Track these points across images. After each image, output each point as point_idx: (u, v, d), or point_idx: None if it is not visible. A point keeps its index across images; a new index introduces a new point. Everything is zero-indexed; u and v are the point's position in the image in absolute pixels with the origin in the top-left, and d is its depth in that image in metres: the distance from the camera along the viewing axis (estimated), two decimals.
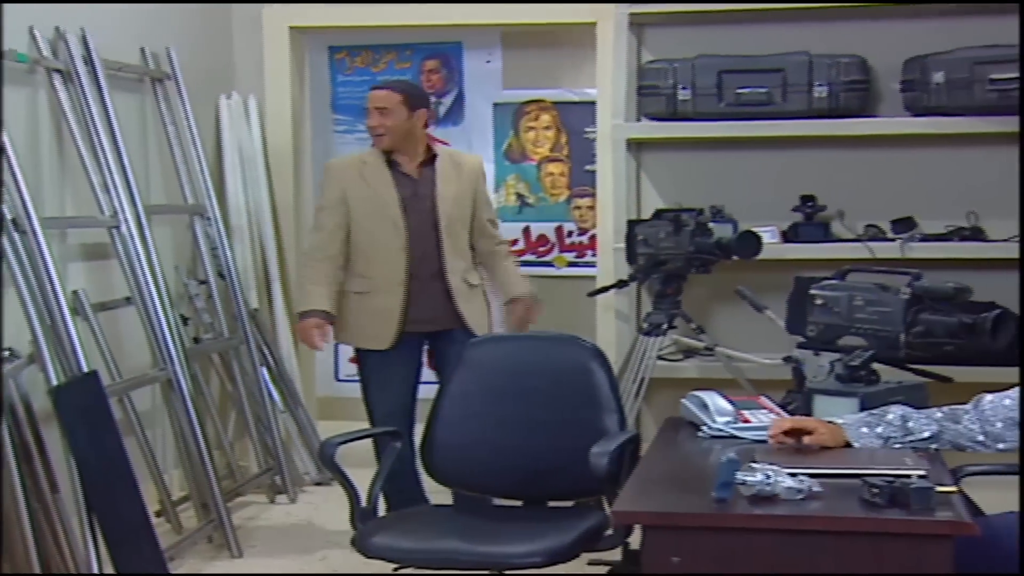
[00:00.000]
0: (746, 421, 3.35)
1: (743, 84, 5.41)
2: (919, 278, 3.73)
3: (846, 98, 5.37)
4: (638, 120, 5.64)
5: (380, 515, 3.67)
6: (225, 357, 5.72)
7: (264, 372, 5.79)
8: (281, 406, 5.88)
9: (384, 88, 4.72)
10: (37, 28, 4.64)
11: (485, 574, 3.45)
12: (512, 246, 5.87)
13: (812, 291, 3.91)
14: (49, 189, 4.70)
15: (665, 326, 5.11)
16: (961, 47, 5.21)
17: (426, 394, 4.51)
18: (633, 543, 3.01)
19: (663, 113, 5.53)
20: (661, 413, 4.74)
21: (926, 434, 3.09)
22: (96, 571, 4.08)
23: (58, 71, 4.74)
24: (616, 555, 3.60)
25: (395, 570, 3.44)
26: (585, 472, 3.29)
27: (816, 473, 2.76)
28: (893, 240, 5.36)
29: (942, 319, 3.64)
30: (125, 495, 4.28)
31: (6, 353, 4.14)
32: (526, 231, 7.30)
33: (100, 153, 4.84)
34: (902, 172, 5.58)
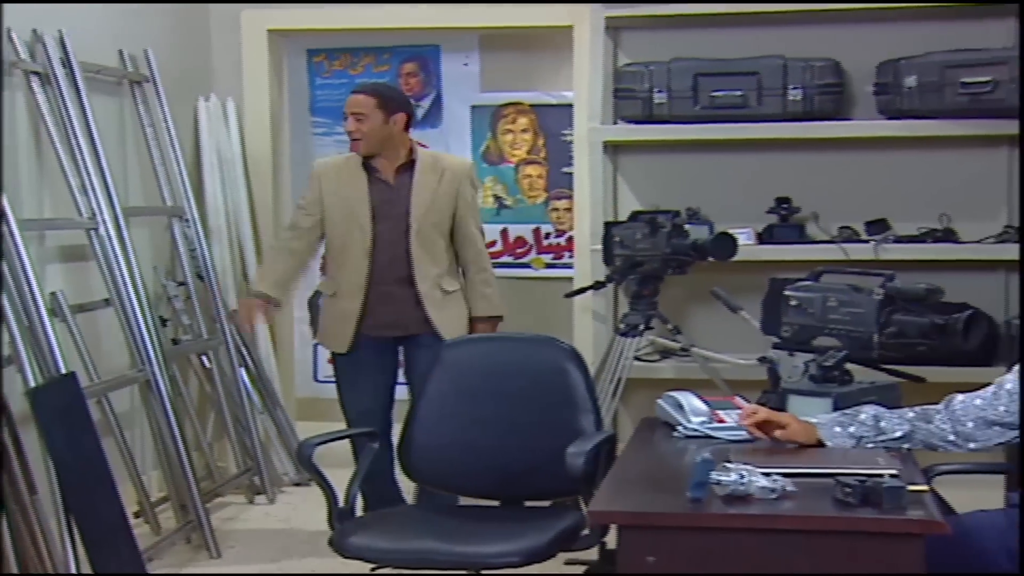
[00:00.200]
0: (721, 421, 3.37)
1: (718, 87, 5.42)
2: (892, 279, 3.75)
3: (820, 101, 5.39)
4: (615, 123, 5.65)
5: (358, 515, 3.67)
6: (204, 358, 5.72)
7: (243, 373, 5.79)
8: (260, 407, 5.89)
9: (361, 93, 4.66)
10: (15, 30, 4.63)
11: (462, 574, 3.47)
12: (489, 248, 5.83)
13: (787, 292, 3.92)
14: (27, 191, 4.70)
15: (642, 327, 5.12)
16: (932, 51, 5.23)
17: (405, 396, 4.55)
18: (610, 542, 3.03)
19: (639, 116, 5.54)
20: (638, 413, 4.76)
21: (898, 434, 3.12)
22: (74, 572, 4.08)
23: (36, 73, 4.74)
24: (593, 555, 3.63)
25: (372, 570, 3.45)
26: (561, 472, 3.30)
27: (790, 473, 2.78)
28: (867, 242, 5.37)
29: (914, 320, 3.66)
30: (103, 496, 4.28)
31: None
32: (504, 233, 7.32)
33: (78, 155, 4.84)
34: (876, 174, 5.61)
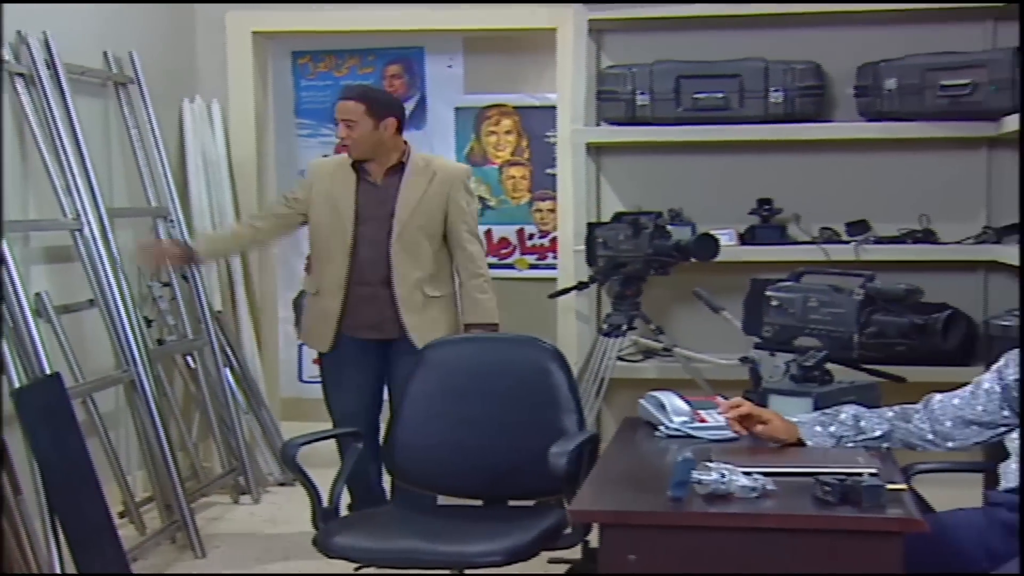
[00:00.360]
0: (702, 421, 3.39)
1: (700, 89, 5.43)
2: (872, 280, 3.77)
3: (801, 103, 5.41)
4: (598, 124, 5.67)
5: (342, 515, 3.69)
6: (189, 358, 5.73)
7: (228, 373, 5.79)
8: (245, 407, 5.90)
9: (350, 99, 4.65)
10: None
11: (446, 573, 3.49)
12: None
13: (768, 292, 3.94)
14: (11, 192, 4.69)
15: (625, 327, 5.14)
16: (913, 54, 5.26)
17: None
18: (592, 541, 3.05)
19: (622, 118, 5.56)
20: (621, 413, 4.76)
21: (877, 433, 3.15)
22: (59, 572, 4.08)
23: (20, 75, 4.74)
24: (576, 553, 3.65)
25: (356, 570, 3.47)
26: (544, 471, 3.33)
27: (770, 472, 2.80)
28: (847, 243, 5.40)
29: (894, 320, 3.68)
30: (88, 496, 4.28)
31: None
32: (488, 234, 7.32)
33: (63, 156, 4.85)
34: (856, 176, 5.63)
